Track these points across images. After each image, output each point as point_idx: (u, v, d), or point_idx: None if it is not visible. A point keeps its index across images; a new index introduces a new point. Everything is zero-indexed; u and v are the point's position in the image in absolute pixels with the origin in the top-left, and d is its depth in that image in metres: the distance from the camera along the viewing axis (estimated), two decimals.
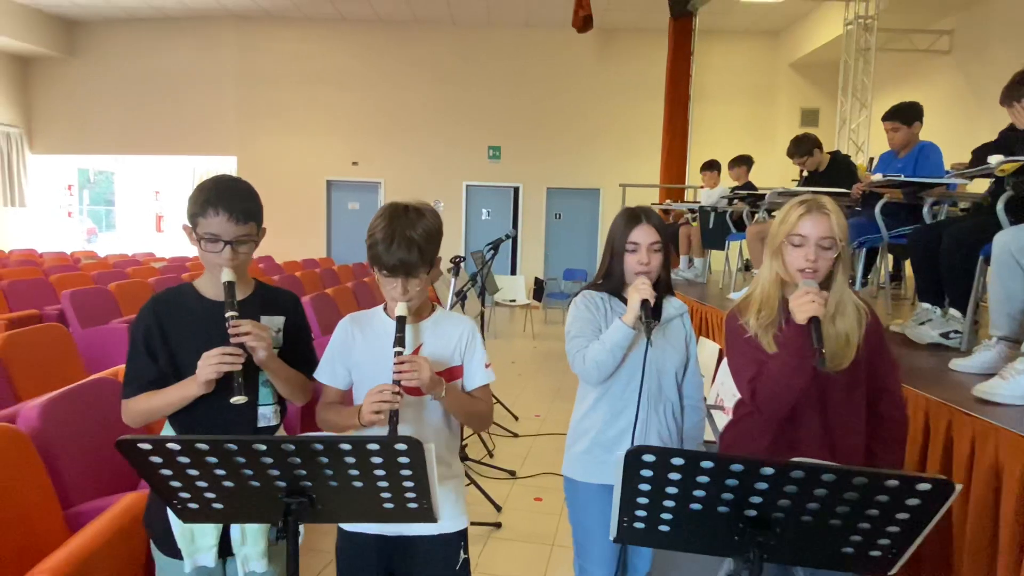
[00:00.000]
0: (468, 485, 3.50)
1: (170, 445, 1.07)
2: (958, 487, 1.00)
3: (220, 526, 1.54)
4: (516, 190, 11.93)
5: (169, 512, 1.51)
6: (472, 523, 3.21)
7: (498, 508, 3.38)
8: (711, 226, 5.79)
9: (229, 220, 1.50)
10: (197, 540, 1.52)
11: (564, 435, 1.96)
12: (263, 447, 1.07)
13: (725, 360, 3.79)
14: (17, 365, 3.02)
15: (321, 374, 1.64)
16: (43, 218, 12.68)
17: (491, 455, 4.13)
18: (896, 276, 5.85)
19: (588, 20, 8.64)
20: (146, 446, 1.07)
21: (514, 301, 9.68)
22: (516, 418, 4.95)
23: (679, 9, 8.60)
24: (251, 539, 1.56)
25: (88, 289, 5.16)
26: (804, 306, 1.46)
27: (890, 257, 5.34)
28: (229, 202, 1.50)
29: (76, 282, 5.86)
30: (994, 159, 2.26)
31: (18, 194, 12.10)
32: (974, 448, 1.77)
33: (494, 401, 5.00)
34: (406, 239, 1.46)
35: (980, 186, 3.26)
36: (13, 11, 10.63)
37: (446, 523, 1.58)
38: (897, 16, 8.46)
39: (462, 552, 1.63)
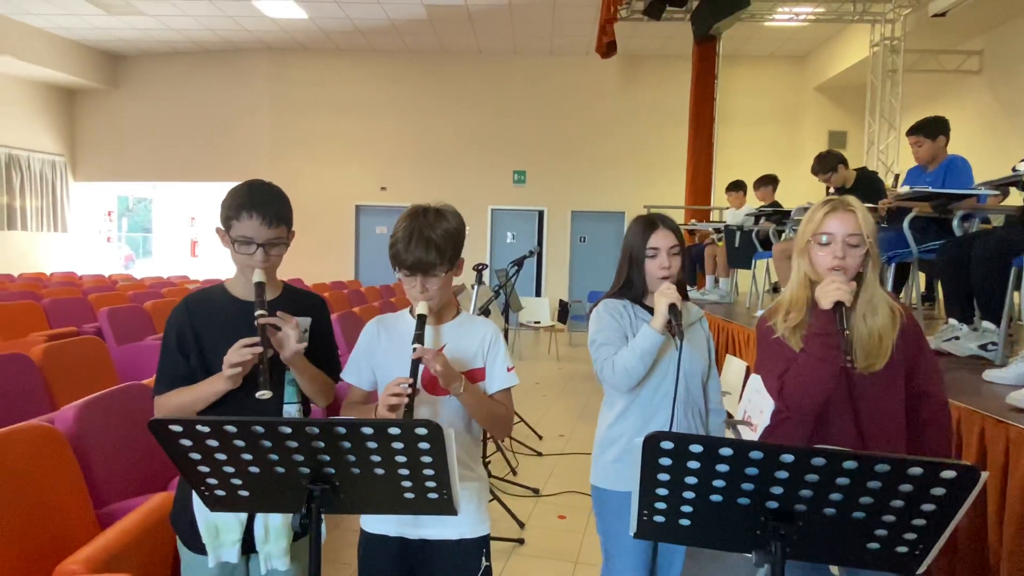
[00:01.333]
0: (491, 501, 3.48)
1: (200, 427, 1.10)
2: (984, 474, 0.98)
3: (244, 523, 1.56)
4: (541, 214, 12.01)
5: (195, 508, 1.55)
6: (495, 538, 3.20)
7: (521, 524, 3.36)
8: (737, 245, 5.75)
9: (262, 224, 1.55)
10: (221, 535, 1.55)
11: (589, 454, 1.93)
12: (288, 430, 1.10)
13: (752, 377, 3.74)
14: (55, 375, 3.12)
15: (347, 374, 1.67)
16: (83, 243, 13.13)
17: (514, 472, 4.11)
18: (929, 296, 5.72)
19: (612, 46, 8.75)
20: (177, 428, 1.10)
21: (539, 323, 9.68)
22: (540, 437, 4.92)
23: (702, 34, 8.67)
24: (274, 536, 1.58)
25: (124, 307, 5.32)
26: (830, 293, 1.46)
27: (922, 276, 5.24)
28: (262, 206, 1.56)
29: (113, 301, 6.03)
30: (1021, 165, 2.23)
31: (60, 220, 12.57)
32: (1008, 456, 1.72)
33: (517, 420, 5.01)
34: (424, 239, 1.50)
35: (1017, 200, 3.20)
36: (60, 46, 11.18)
37: (466, 528, 1.59)
38: (924, 37, 8.42)
39: (484, 559, 1.62)
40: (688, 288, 1.98)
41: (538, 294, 11.66)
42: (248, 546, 1.57)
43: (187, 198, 14.24)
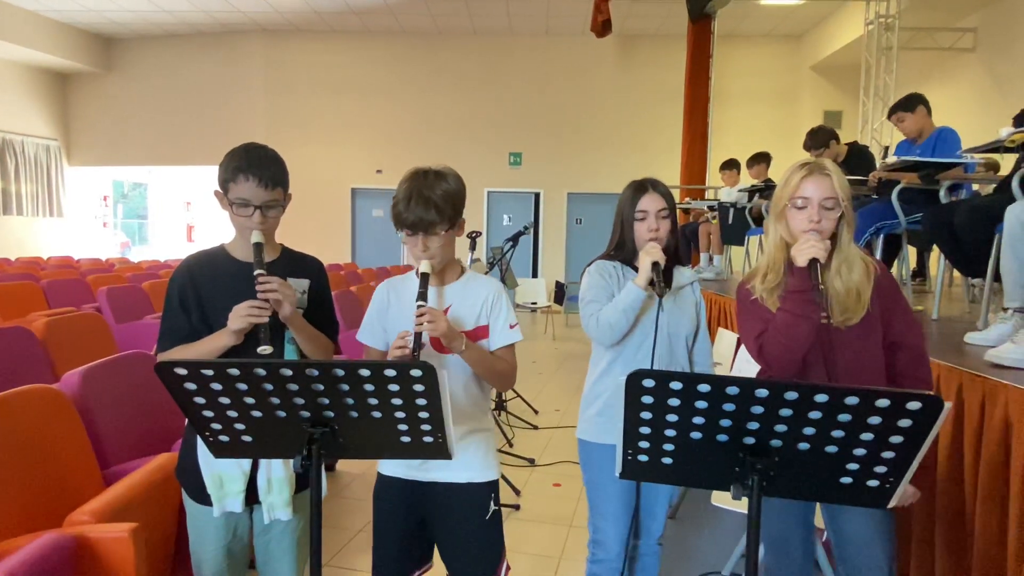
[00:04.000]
0: None
1: (204, 371, 1.15)
2: (947, 405, 1.04)
3: (247, 474, 1.62)
4: (537, 196, 12.03)
5: (200, 460, 1.60)
6: None
7: (517, 492, 3.43)
8: (730, 222, 5.80)
9: (259, 186, 1.60)
10: (226, 486, 1.60)
11: None
12: (289, 372, 1.15)
13: (742, 348, 3.80)
14: (57, 349, 3.17)
15: (363, 335, 1.72)
16: (79, 228, 13.12)
17: (511, 444, 4.18)
18: (920, 272, 5.78)
19: (607, 24, 8.73)
20: (182, 371, 1.15)
21: (535, 303, 9.75)
22: (536, 412, 5.00)
23: (697, 12, 8.65)
24: (277, 488, 1.64)
25: (123, 287, 5.35)
26: (805, 250, 1.50)
27: (913, 252, 5.29)
28: (259, 169, 1.61)
29: (111, 282, 6.07)
30: (1004, 131, 2.28)
31: (56, 205, 12.56)
32: (984, 409, 1.78)
33: (514, 396, 5.07)
34: (424, 198, 1.54)
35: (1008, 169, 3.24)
36: (53, 29, 11.10)
37: (476, 473, 1.66)
38: (919, 15, 8.41)
39: (492, 503, 1.69)
40: (683, 265, 2.03)
41: (535, 275, 11.72)
42: (251, 497, 1.62)
43: (183, 183, 14.23)
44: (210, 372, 1.15)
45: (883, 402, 1.05)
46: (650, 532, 1.96)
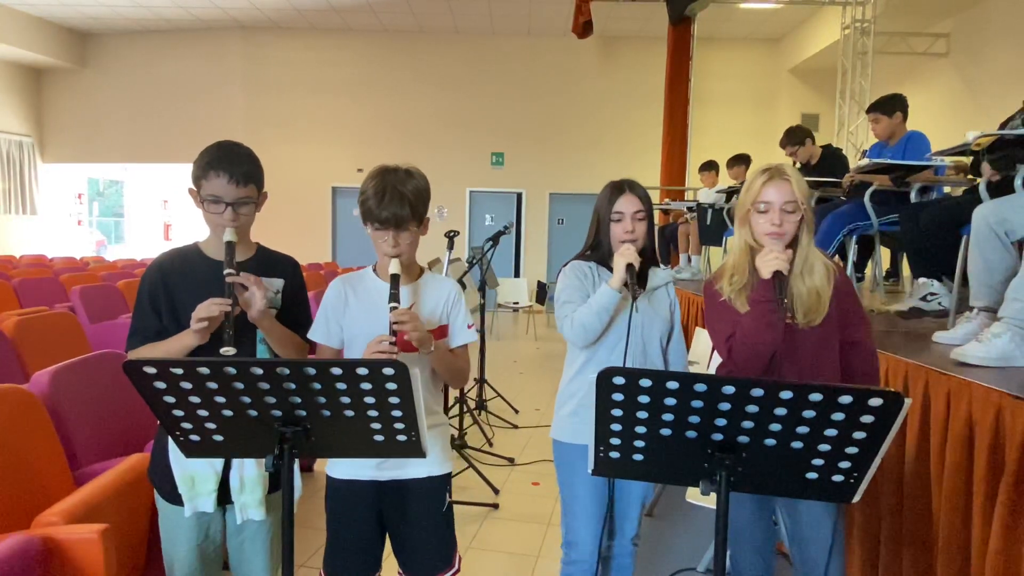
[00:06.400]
0: (466, 469, 3.56)
1: (173, 369, 1.14)
2: (908, 401, 1.06)
3: (219, 474, 1.60)
4: (519, 196, 12.04)
5: (172, 459, 1.59)
6: (470, 503, 3.28)
7: (495, 491, 3.43)
8: (708, 223, 5.86)
9: (230, 182, 1.59)
10: (198, 486, 1.59)
11: None
12: (260, 371, 1.14)
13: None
14: (28, 348, 3.12)
15: (316, 333, 1.69)
16: (53, 226, 12.87)
17: (490, 444, 4.19)
18: (894, 273, 5.88)
19: (588, 26, 8.78)
20: (151, 370, 1.14)
21: (517, 303, 9.76)
22: (516, 411, 5.01)
23: (677, 15, 8.73)
24: (249, 487, 1.63)
25: (97, 286, 5.27)
26: (769, 263, 1.55)
27: (886, 253, 5.38)
28: (230, 165, 1.60)
29: (85, 281, 5.96)
30: (971, 134, 2.33)
31: (29, 202, 12.31)
32: (950, 406, 1.82)
33: (494, 395, 5.07)
34: (398, 194, 1.55)
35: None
36: (27, 23, 10.88)
37: (433, 467, 1.68)
38: (894, 20, 8.56)
39: (447, 495, 1.72)
40: (662, 266, 2.05)
41: (517, 275, 11.73)
42: (224, 497, 1.61)
43: (159, 180, 14.01)
44: (180, 371, 1.14)
45: (846, 398, 1.07)
46: (624, 532, 1.97)
